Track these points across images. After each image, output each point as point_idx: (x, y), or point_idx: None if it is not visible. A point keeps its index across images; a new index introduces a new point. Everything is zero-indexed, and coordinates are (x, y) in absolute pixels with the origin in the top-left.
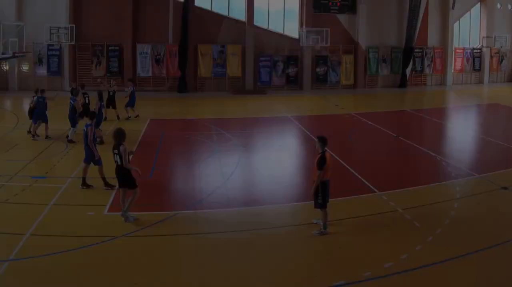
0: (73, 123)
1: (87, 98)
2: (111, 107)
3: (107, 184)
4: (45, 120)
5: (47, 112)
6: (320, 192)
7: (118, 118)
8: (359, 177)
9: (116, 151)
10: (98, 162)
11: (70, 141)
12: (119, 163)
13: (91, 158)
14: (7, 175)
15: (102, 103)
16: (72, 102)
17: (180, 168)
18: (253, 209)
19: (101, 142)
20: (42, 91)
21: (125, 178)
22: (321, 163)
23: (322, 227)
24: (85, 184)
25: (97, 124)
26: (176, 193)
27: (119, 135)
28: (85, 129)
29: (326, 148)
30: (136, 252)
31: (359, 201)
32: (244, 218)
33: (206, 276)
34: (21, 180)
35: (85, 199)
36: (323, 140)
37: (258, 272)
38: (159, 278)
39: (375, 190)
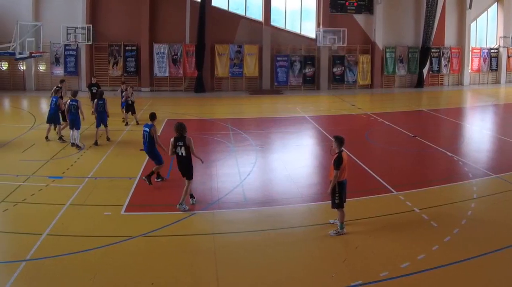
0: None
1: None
2: (130, 113)
3: (159, 176)
4: (59, 122)
5: (59, 113)
6: (337, 192)
7: (138, 123)
8: (376, 177)
9: (181, 143)
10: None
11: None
12: (183, 155)
13: (159, 157)
14: (24, 175)
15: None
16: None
17: (197, 167)
18: (270, 209)
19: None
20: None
21: (188, 169)
22: (338, 162)
23: (339, 227)
24: (159, 177)
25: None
26: (193, 192)
27: (182, 128)
28: (148, 131)
29: (343, 148)
30: (153, 252)
31: (376, 201)
32: (261, 218)
33: (223, 276)
34: (38, 180)
35: (102, 199)
36: (339, 140)
37: (275, 272)
38: (176, 278)
39: (392, 190)
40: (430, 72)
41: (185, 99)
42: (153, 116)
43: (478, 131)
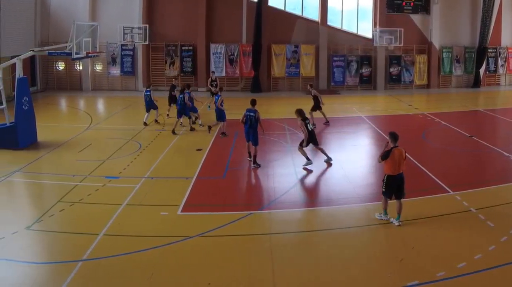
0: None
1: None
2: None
3: (255, 162)
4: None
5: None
6: (384, 183)
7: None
8: (433, 176)
9: (307, 121)
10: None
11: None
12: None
13: (258, 139)
14: (80, 175)
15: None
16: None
17: (253, 168)
18: (327, 209)
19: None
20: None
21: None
22: (385, 155)
23: (382, 213)
24: (255, 162)
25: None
26: (250, 193)
27: (301, 112)
28: (253, 115)
29: (397, 144)
30: (210, 252)
31: (433, 201)
32: (317, 218)
33: (280, 276)
34: (95, 180)
35: (158, 199)
36: (393, 136)
37: (331, 272)
38: (233, 278)
39: (449, 190)
40: (487, 72)
41: (241, 99)
42: (254, 102)
43: None
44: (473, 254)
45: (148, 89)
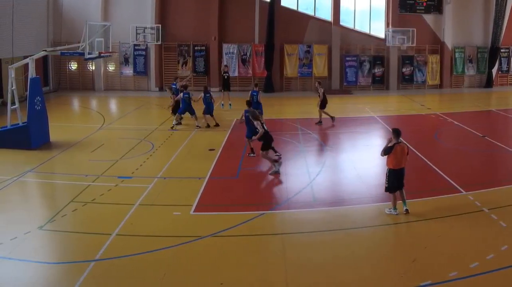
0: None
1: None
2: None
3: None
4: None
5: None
6: (388, 178)
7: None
8: (445, 176)
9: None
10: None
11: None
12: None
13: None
14: (93, 175)
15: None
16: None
17: (266, 168)
18: (339, 209)
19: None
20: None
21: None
22: (387, 150)
23: (392, 208)
24: (253, 152)
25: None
26: (262, 193)
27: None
28: (247, 115)
29: (400, 139)
30: (222, 252)
31: (445, 201)
32: (330, 218)
33: (292, 276)
34: (107, 180)
35: (171, 199)
36: (396, 132)
37: (344, 272)
38: (245, 278)
39: (461, 189)
40: (499, 72)
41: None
42: (249, 103)
43: None
44: (485, 254)
45: (186, 91)
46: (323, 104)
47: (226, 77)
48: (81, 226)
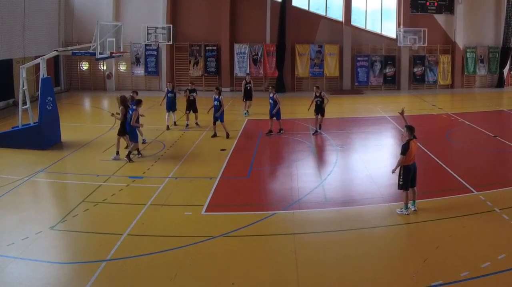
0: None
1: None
2: (191, 111)
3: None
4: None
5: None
6: (401, 175)
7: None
8: (457, 176)
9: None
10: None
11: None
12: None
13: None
14: (104, 175)
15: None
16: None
17: (277, 167)
18: (351, 209)
19: None
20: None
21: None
22: (404, 148)
23: (403, 208)
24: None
25: None
26: (274, 193)
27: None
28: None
29: (413, 136)
30: (233, 252)
31: (457, 201)
32: (342, 218)
33: (303, 276)
34: (119, 180)
35: (182, 199)
36: (410, 129)
37: (355, 272)
38: (257, 278)
39: (473, 190)
40: (511, 72)
41: (265, 99)
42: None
43: None
44: (497, 254)
45: (217, 96)
46: (323, 111)
47: (248, 88)
48: (93, 226)
